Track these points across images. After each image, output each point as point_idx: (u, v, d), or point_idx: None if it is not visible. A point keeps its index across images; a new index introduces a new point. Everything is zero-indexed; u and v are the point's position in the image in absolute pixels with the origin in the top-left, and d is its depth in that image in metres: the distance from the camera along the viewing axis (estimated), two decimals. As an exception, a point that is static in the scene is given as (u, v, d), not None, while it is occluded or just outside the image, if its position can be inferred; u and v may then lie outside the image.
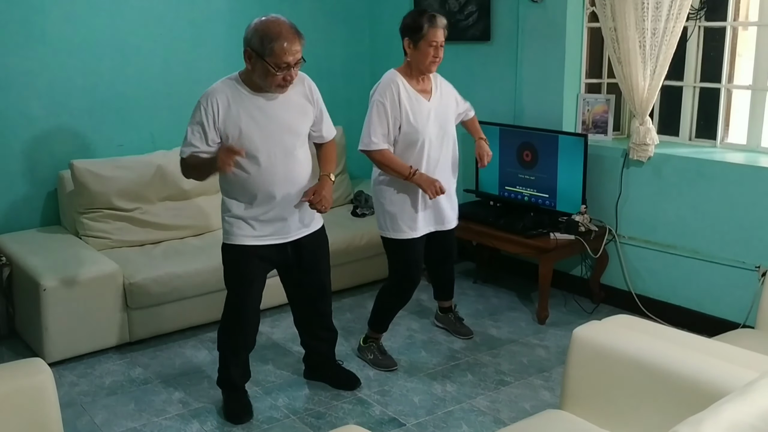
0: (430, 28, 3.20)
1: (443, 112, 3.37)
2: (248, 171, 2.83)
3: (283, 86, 2.77)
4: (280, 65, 2.67)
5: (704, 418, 1.46)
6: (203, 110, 2.76)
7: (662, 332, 2.30)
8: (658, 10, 3.65)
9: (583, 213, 4.01)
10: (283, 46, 2.65)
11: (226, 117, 2.77)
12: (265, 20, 2.72)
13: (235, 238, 2.93)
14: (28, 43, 4.01)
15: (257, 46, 2.68)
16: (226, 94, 2.78)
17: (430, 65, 3.26)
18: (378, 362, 3.55)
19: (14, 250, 3.82)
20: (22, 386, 2.10)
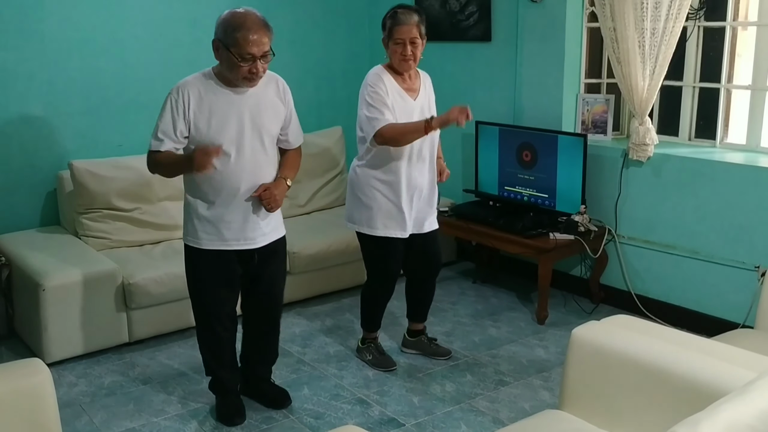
0: (393, 26, 3.12)
1: (427, 111, 3.25)
2: (217, 170, 2.74)
3: (250, 79, 2.68)
4: (244, 56, 2.61)
5: (702, 419, 1.45)
6: (174, 102, 2.70)
7: (661, 332, 2.30)
8: (657, 10, 3.65)
9: (582, 213, 4.00)
10: (247, 36, 2.59)
11: (198, 110, 2.70)
12: (232, 11, 2.68)
13: (202, 242, 2.84)
14: (27, 43, 4.01)
15: (222, 35, 2.64)
16: (197, 87, 2.72)
17: (401, 64, 3.15)
18: (377, 362, 3.53)
19: (13, 250, 3.82)
20: (20, 386, 2.10)
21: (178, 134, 2.72)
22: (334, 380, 3.43)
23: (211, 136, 2.72)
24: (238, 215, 2.83)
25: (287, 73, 4.98)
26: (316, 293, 4.34)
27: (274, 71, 4.90)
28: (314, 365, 3.58)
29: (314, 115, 5.13)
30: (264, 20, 2.70)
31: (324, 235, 4.31)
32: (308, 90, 5.09)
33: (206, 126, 2.72)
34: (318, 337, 3.90)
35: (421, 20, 3.15)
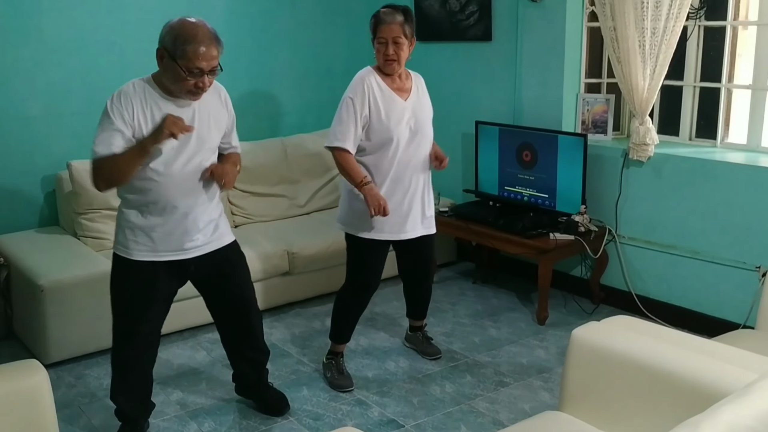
0: (377, 25, 3.06)
1: (419, 112, 3.19)
2: (155, 179, 2.62)
3: (195, 93, 2.57)
4: (192, 70, 2.48)
5: (703, 420, 1.45)
6: (115, 111, 2.54)
7: (662, 333, 2.29)
8: (657, 10, 3.64)
9: (582, 213, 3.99)
10: (197, 49, 2.46)
11: (140, 119, 2.56)
12: (183, 20, 2.55)
13: (132, 251, 2.70)
14: (25, 43, 4.00)
15: (170, 46, 2.49)
16: (138, 96, 2.57)
17: (385, 64, 3.08)
18: (334, 382, 3.35)
19: (12, 250, 3.81)
20: (17, 388, 2.09)
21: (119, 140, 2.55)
22: (334, 381, 3.43)
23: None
24: (175, 227, 2.70)
25: (287, 73, 5.06)
26: (315, 294, 4.33)
27: (275, 70, 4.96)
28: (313, 366, 3.57)
29: (314, 115, 5.13)
30: (215, 33, 2.57)
31: (323, 235, 4.30)
32: (308, 90, 5.09)
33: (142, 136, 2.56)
34: (317, 337, 3.89)
35: (407, 20, 3.08)
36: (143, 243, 2.71)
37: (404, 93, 3.19)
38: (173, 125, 2.51)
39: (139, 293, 2.76)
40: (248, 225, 4.51)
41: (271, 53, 4.91)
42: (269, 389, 3.21)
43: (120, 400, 2.89)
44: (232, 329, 3.06)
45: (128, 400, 2.90)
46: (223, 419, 3.11)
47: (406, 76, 3.24)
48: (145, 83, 2.62)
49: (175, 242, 2.73)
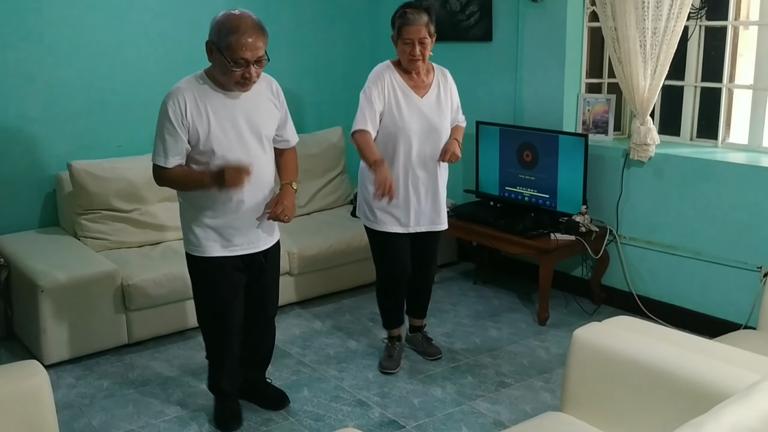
0: (402, 26, 3.10)
1: (435, 109, 3.24)
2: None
3: (243, 84, 2.64)
4: (238, 60, 2.54)
5: (705, 421, 1.44)
6: (171, 112, 2.62)
7: (663, 333, 2.29)
8: (658, 10, 3.64)
9: (583, 213, 3.99)
10: (240, 40, 2.52)
11: (194, 115, 2.63)
12: (229, 13, 2.60)
13: (206, 249, 2.79)
14: (25, 44, 4.00)
15: (216, 38, 2.57)
16: (191, 92, 2.64)
17: (409, 64, 3.16)
18: (381, 362, 3.54)
19: (12, 251, 3.81)
20: (17, 389, 2.09)
21: (181, 147, 2.66)
22: (334, 382, 3.42)
23: (210, 142, 2.66)
24: (244, 221, 2.79)
25: (287, 73, 5.04)
26: (316, 294, 4.33)
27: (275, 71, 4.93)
28: (314, 366, 3.57)
29: (314, 116, 5.13)
30: (260, 24, 2.62)
31: (324, 235, 4.30)
32: (308, 90, 5.09)
33: (205, 132, 2.65)
34: (318, 338, 3.88)
35: (430, 19, 3.14)
36: (216, 240, 2.78)
37: (422, 90, 3.24)
38: (234, 179, 2.62)
39: (221, 287, 2.85)
40: (249, 225, 4.50)
41: (272, 54, 4.86)
42: (269, 385, 3.24)
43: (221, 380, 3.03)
44: (254, 324, 3.08)
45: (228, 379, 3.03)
46: (224, 420, 3.11)
47: (428, 72, 3.27)
48: (198, 78, 2.70)
49: (245, 236, 2.81)
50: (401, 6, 3.19)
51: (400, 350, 3.58)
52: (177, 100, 2.63)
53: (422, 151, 3.24)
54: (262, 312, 3.06)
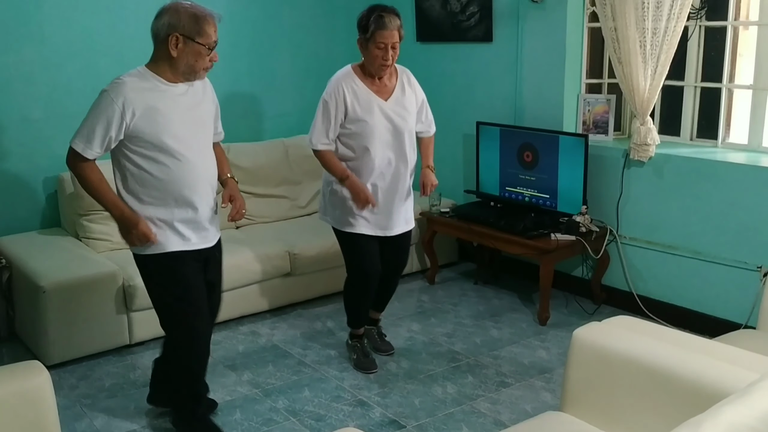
0: (376, 30, 3.06)
1: (399, 111, 3.23)
2: (169, 168, 2.64)
3: (209, 69, 2.69)
4: (211, 45, 2.62)
5: (704, 420, 1.45)
6: (111, 103, 2.55)
7: (663, 333, 2.29)
8: (658, 10, 3.64)
9: (583, 213, 3.99)
10: (211, 25, 2.62)
11: (142, 109, 2.57)
12: (185, 4, 2.62)
13: (163, 245, 2.70)
14: (27, 45, 4.00)
15: (189, 29, 2.57)
16: (139, 85, 2.60)
17: (379, 68, 3.13)
18: (358, 364, 3.53)
19: (14, 252, 3.82)
20: (19, 389, 2.09)
21: (106, 142, 2.59)
22: (335, 382, 3.43)
23: (158, 135, 2.61)
24: (196, 214, 2.74)
25: (288, 73, 5.06)
26: (317, 294, 4.34)
27: (275, 71, 4.96)
28: (315, 367, 3.58)
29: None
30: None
31: (325, 236, 4.28)
32: (309, 90, 5.09)
33: (153, 125, 2.60)
34: (319, 338, 3.89)
35: (401, 24, 3.14)
36: (173, 235, 2.73)
37: (385, 93, 3.23)
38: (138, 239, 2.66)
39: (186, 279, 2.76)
40: (250, 226, 4.51)
41: (272, 54, 4.92)
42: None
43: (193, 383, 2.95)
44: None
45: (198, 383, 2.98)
46: (225, 420, 3.12)
47: (390, 75, 3.26)
48: (141, 74, 2.65)
49: (199, 231, 2.78)
50: (372, 9, 3.13)
51: (367, 347, 3.63)
52: (122, 93, 2.56)
53: (388, 153, 3.24)
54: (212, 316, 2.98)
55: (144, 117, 2.59)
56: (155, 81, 2.64)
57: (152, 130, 2.61)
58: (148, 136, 2.62)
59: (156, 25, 2.62)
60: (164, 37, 2.60)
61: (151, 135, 2.61)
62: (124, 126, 2.59)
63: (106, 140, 2.60)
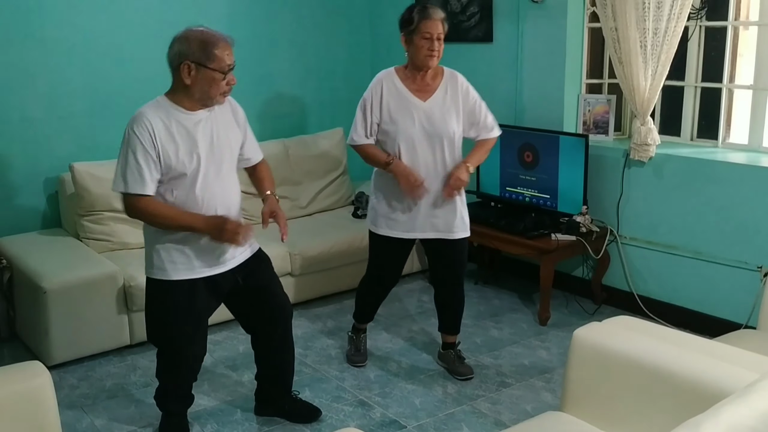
0: (421, 20, 3.06)
1: (438, 113, 3.17)
2: (187, 195, 2.64)
3: (227, 93, 2.67)
4: (224, 69, 2.59)
5: (704, 420, 1.45)
6: (140, 136, 2.55)
7: (664, 333, 2.29)
8: (659, 10, 3.64)
9: (584, 214, 4.00)
10: (223, 49, 2.59)
11: (163, 140, 2.57)
12: (195, 30, 2.61)
13: (170, 273, 2.68)
14: (27, 45, 4.01)
15: (198, 55, 2.56)
16: (158, 116, 2.60)
17: (426, 59, 3.10)
18: (349, 357, 3.61)
19: (15, 252, 3.82)
20: (20, 389, 2.10)
21: (154, 173, 2.58)
22: (336, 382, 3.43)
23: (179, 165, 2.60)
24: (208, 240, 2.68)
25: (288, 75, 5.06)
26: (317, 295, 4.34)
27: (276, 72, 4.97)
28: (316, 367, 3.58)
29: (315, 117, 5.14)
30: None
31: (325, 236, 4.31)
32: (309, 91, 5.10)
33: (174, 155, 2.59)
34: (319, 338, 3.89)
35: (445, 18, 3.14)
36: (179, 261, 2.69)
37: (425, 93, 3.19)
38: (234, 235, 2.62)
39: (181, 315, 2.75)
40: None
41: (273, 55, 4.92)
42: (297, 399, 3.17)
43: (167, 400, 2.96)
44: (267, 336, 3.01)
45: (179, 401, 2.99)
46: (226, 420, 3.12)
47: (434, 76, 3.21)
48: (159, 104, 2.65)
49: (210, 256, 2.73)
50: (410, 6, 3.16)
51: (365, 342, 3.64)
52: (145, 126, 2.56)
53: (426, 156, 3.18)
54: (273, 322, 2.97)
55: (163, 150, 2.59)
56: (173, 110, 2.63)
57: (168, 161, 2.60)
58: (164, 166, 2.61)
59: (169, 55, 2.63)
60: (177, 66, 2.60)
61: (167, 165, 2.60)
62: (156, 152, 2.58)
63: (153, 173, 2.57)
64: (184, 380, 2.95)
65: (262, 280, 2.92)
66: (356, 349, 3.61)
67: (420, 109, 3.17)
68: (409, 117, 3.16)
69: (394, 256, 3.37)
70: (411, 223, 3.25)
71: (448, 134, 3.18)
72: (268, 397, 3.13)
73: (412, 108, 3.17)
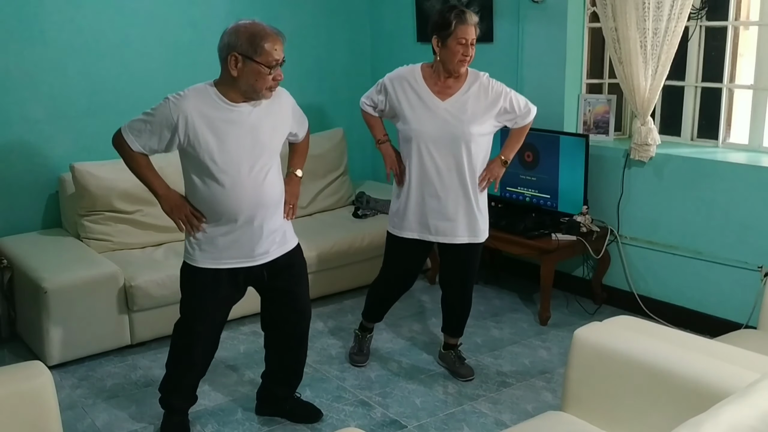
0: (458, 25, 3.00)
1: (457, 114, 3.10)
2: (215, 188, 2.67)
3: (273, 88, 2.65)
4: (271, 63, 2.58)
5: (705, 420, 1.45)
6: (170, 112, 2.61)
7: (664, 333, 2.29)
8: (659, 10, 3.64)
9: (584, 214, 4.00)
10: (272, 43, 2.59)
11: (196, 126, 2.60)
12: (246, 23, 2.63)
13: (196, 260, 2.76)
14: (29, 46, 4.01)
15: (245, 48, 2.56)
16: (199, 102, 2.62)
17: (459, 64, 3.05)
18: (351, 355, 3.63)
19: (15, 252, 3.82)
20: (21, 389, 2.10)
21: (152, 144, 2.67)
22: (336, 382, 3.43)
23: (212, 155, 2.63)
24: (240, 235, 2.74)
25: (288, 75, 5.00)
26: (318, 295, 4.33)
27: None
28: (316, 367, 3.58)
29: (316, 117, 5.12)
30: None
31: (326, 236, 4.31)
32: (310, 91, 5.10)
33: (205, 144, 2.62)
34: (320, 338, 3.90)
35: (478, 23, 3.11)
36: (207, 251, 2.76)
37: (445, 95, 3.14)
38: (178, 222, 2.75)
39: (202, 298, 2.82)
40: (250, 226, 4.51)
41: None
42: (299, 401, 3.17)
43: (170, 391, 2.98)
44: (285, 335, 3.03)
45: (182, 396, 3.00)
46: (226, 420, 3.12)
47: (458, 77, 3.14)
48: (205, 91, 2.67)
49: (241, 251, 2.77)
50: (449, 7, 3.09)
51: (369, 343, 3.65)
52: (181, 106, 2.61)
53: (442, 158, 3.12)
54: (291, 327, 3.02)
55: (195, 138, 2.62)
56: (217, 100, 2.64)
57: (200, 150, 2.63)
58: (195, 156, 2.65)
59: (219, 46, 2.64)
60: (225, 57, 2.61)
61: (198, 156, 2.63)
62: (176, 142, 2.64)
63: (149, 144, 2.67)
64: (190, 369, 2.95)
65: (288, 283, 2.94)
66: (359, 349, 3.62)
67: (439, 108, 3.12)
68: (427, 118, 3.11)
69: (407, 254, 3.33)
70: (423, 225, 3.23)
71: (465, 136, 3.10)
72: (270, 396, 3.14)
73: (431, 108, 3.12)
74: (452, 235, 3.22)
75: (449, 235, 3.22)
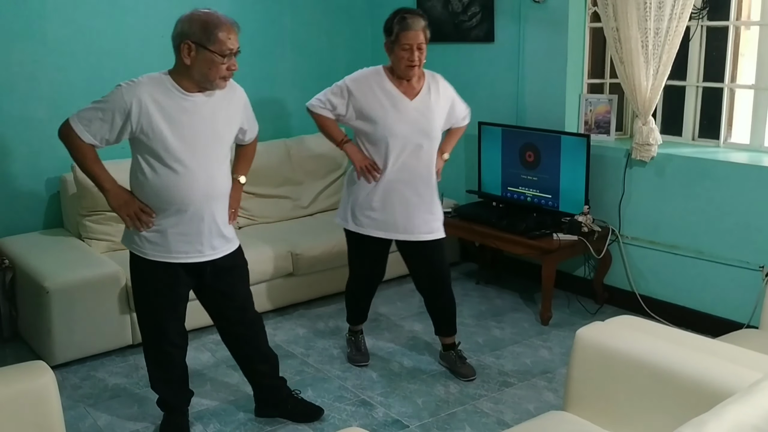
0: (401, 32, 3.03)
1: (424, 113, 3.17)
2: (167, 176, 2.62)
3: (226, 78, 2.63)
4: (225, 53, 2.57)
5: (707, 420, 1.45)
6: (123, 97, 2.56)
7: (666, 333, 2.29)
8: (660, 10, 3.64)
9: (585, 213, 4.00)
10: (226, 33, 2.58)
11: (150, 113, 2.56)
12: (199, 11, 2.61)
13: (146, 253, 2.71)
14: (30, 46, 4.01)
15: (199, 36, 2.55)
16: (153, 89, 2.59)
17: (406, 70, 3.08)
18: (351, 357, 3.61)
19: (17, 252, 3.82)
20: (24, 389, 2.10)
21: (101, 137, 2.62)
22: (338, 382, 3.43)
23: (163, 144, 2.58)
24: (189, 227, 2.70)
25: (290, 76, 5.07)
26: (319, 295, 4.34)
27: (277, 72, 4.97)
28: (318, 367, 3.58)
29: (317, 117, 5.13)
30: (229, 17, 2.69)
31: (327, 236, 4.30)
32: (310, 92, 5.03)
33: (157, 133, 2.58)
34: (321, 338, 3.90)
35: (426, 25, 3.10)
36: (158, 243, 2.71)
37: (411, 95, 3.19)
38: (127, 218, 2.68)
39: (159, 292, 2.79)
40: (252, 226, 4.52)
41: (274, 55, 4.92)
42: (297, 399, 3.16)
43: (160, 388, 2.98)
44: (237, 340, 3.03)
45: (168, 389, 2.98)
46: (228, 419, 3.13)
47: (418, 78, 3.21)
48: (159, 80, 2.65)
49: (189, 244, 2.73)
50: (396, 12, 3.13)
51: (364, 343, 3.66)
52: (135, 93, 2.57)
53: (412, 156, 3.17)
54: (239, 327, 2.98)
55: (149, 125, 2.58)
56: (171, 89, 2.62)
57: (153, 138, 2.59)
58: (147, 144, 2.61)
59: (173, 34, 2.63)
60: (178, 45, 2.60)
61: (151, 143, 2.60)
62: (129, 130, 2.59)
63: (100, 133, 2.61)
64: (166, 363, 2.91)
65: (228, 285, 2.90)
66: (357, 350, 3.62)
67: (408, 108, 3.16)
68: (399, 118, 3.13)
69: (375, 251, 3.34)
70: (394, 223, 3.23)
71: (432, 133, 3.20)
72: (261, 391, 3.13)
73: (401, 109, 3.15)
74: (430, 232, 3.26)
75: (426, 232, 3.26)
